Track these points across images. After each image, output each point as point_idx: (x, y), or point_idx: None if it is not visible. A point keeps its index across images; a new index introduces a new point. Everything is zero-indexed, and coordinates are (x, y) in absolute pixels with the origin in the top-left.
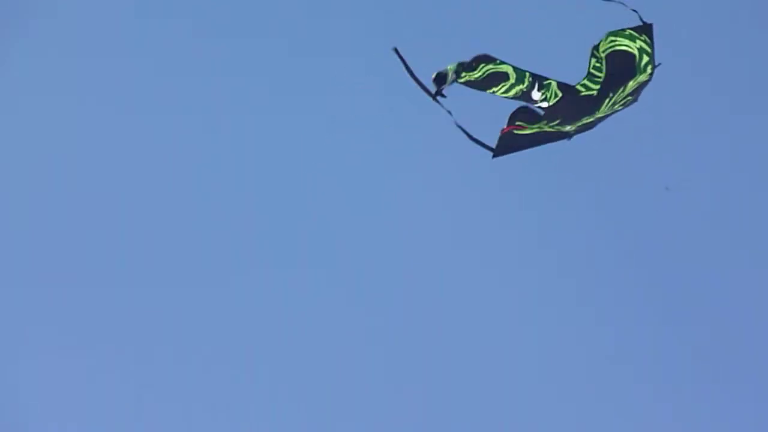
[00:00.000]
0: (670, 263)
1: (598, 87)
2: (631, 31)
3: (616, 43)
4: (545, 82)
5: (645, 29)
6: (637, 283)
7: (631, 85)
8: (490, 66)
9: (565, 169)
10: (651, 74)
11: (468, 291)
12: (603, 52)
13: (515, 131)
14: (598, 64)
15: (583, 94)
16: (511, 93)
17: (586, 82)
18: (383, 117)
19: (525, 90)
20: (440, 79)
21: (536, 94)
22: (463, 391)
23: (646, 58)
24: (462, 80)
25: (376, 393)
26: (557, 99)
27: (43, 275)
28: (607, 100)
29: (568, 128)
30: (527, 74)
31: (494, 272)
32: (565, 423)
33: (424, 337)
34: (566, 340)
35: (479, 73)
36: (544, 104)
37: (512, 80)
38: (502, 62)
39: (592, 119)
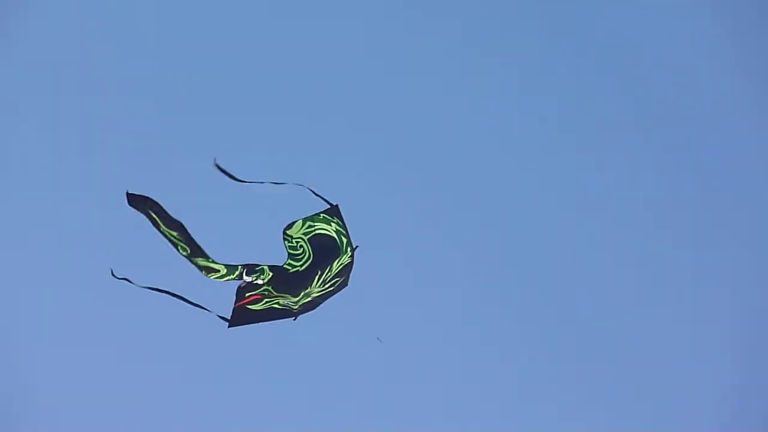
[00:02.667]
0: None
1: (301, 264)
2: (324, 215)
3: (315, 227)
4: (257, 268)
5: (334, 211)
6: None
7: (336, 265)
8: (202, 262)
9: None
10: (352, 256)
11: None
12: (304, 235)
13: (248, 305)
14: (293, 245)
15: (291, 271)
16: (225, 279)
17: (290, 261)
18: None
19: (236, 278)
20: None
21: (248, 278)
22: None
23: (344, 240)
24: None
25: None
26: (271, 276)
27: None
28: (317, 278)
29: (292, 305)
30: (238, 268)
31: None
32: None
33: None
34: None
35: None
36: (260, 281)
37: (221, 274)
38: (215, 261)
39: (309, 299)
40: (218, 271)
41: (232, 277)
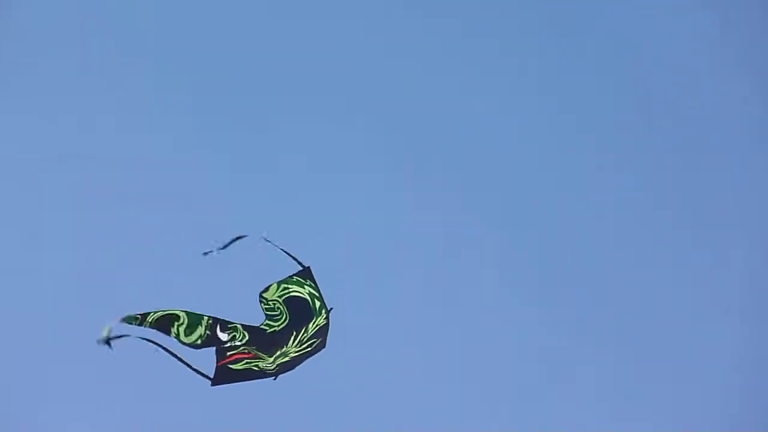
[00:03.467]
0: None
1: (278, 324)
2: (297, 277)
3: (290, 290)
4: (230, 325)
5: (306, 273)
6: None
7: (312, 327)
8: (159, 312)
9: None
10: (327, 317)
11: None
12: (279, 297)
13: (229, 365)
14: (269, 306)
15: (269, 331)
16: (194, 337)
17: (268, 322)
18: None
19: (209, 333)
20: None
21: (223, 335)
22: None
23: (318, 303)
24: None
25: None
26: (248, 337)
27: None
28: (293, 338)
29: (270, 367)
30: (204, 317)
31: None
32: None
33: None
34: None
35: (150, 321)
36: (238, 343)
37: (185, 322)
38: (172, 310)
39: (287, 358)
40: (176, 318)
41: (201, 331)
